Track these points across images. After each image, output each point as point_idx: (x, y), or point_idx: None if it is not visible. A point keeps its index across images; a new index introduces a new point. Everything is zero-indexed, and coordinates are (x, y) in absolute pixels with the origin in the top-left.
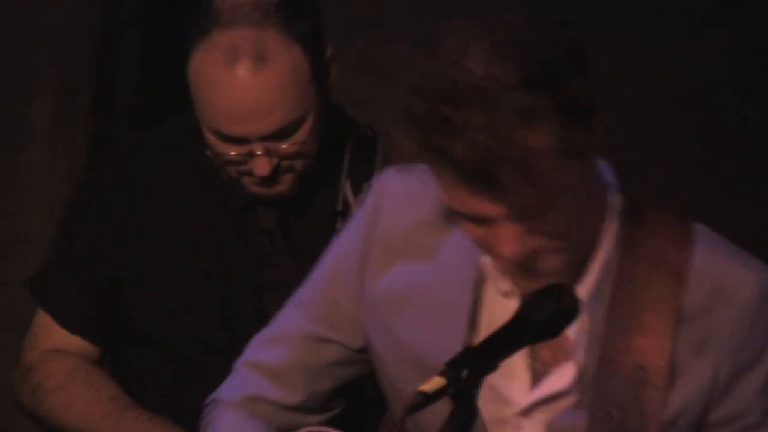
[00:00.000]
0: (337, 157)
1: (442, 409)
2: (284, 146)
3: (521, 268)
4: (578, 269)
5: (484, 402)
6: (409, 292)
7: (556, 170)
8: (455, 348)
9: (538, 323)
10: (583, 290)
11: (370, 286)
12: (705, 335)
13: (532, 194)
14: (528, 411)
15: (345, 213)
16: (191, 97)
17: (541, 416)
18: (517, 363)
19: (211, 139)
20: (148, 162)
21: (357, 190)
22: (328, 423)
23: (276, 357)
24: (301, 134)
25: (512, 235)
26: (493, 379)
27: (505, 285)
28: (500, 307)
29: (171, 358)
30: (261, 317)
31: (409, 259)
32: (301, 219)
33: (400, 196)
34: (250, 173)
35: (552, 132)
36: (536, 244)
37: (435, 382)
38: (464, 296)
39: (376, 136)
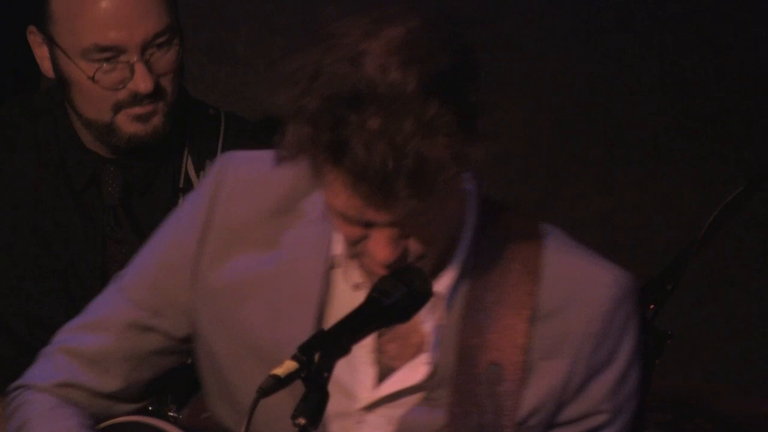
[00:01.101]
0: (178, 134)
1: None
2: (161, 57)
3: (389, 269)
4: (438, 266)
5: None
6: (251, 282)
7: (445, 182)
8: (302, 337)
9: (390, 306)
10: (440, 287)
11: (206, 275)
12: (560, 334)
13: (417, 205)
14: (372, 406)
15: (187, 190)
16: (58, 31)
17: (386, 412)
18: (363, 357)
19: (85, 66)
20: None
21: (199, 167)
22: (140, 411)
23: (95, 343)
24: (174, 49)
25: (388, 240)
26: (337, 373)
27: (356, 277)
28: (350, 300)
29: (14, 338)
30: None
31: (252, 248)
32: (144, 195)
33: (242, 183)
34: (127, 103)
35: (448, 144)
36: (408, 248)
37: (287, 366)
38: (312, 288)
39: (220, 115)
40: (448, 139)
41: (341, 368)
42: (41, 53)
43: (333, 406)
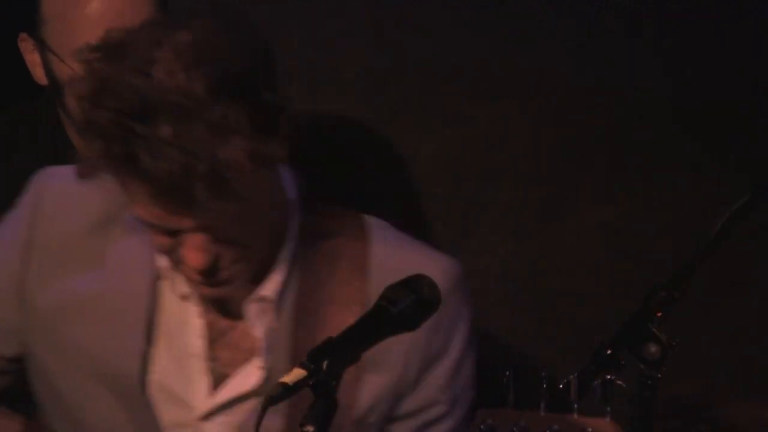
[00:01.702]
0: None
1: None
2: None
3: (204, 276)
4: (263, 271)
5: (163, 407)
6: (80, 302)
7: (245, 181)
8: (135, 355)
9: (398, 314)
10: (267, 291)
11: (34, 295)
12: None
13: (222, 207)
14: (209, 415)
15: None
16: (48, 45)
17: (223, 419)
18: (195, 366)
19: (79, 67)
20: None
21: None
22: None
23: None
24: None
25: (199, 246)
26: (170, 384)
27: (183, 288)
28: (179, 311)
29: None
30: None
31: (78, 266)
32: None
33: (61, 199)
34: None
35: (242, 144)
36: (221, 253)
37: (295, 374)
38: (139, 302)
39: None
40: (241, 139)
41: (174, 379)
42: (33, 60)
43: (169, 416)
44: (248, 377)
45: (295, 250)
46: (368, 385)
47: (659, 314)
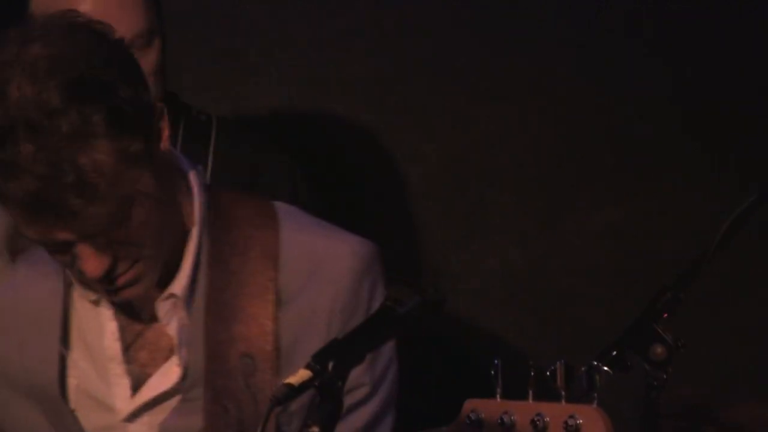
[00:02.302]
0: (170, 139)
1: None
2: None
3: (105, 283)
4: (170, 266)
5: (86, 412)
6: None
7: (119, 184)
8: (51, 363)
9: (404, 315)
10: (177, 287)
11: None
12: (308, 315)
13: (99, 213)
14: (133, 416)
15: None
16: None
17: (147, 419)
18: (113, 369)
19: None
20: None
21: None
22: None
23: None
24: (153, 51)
25: (90, 255)
26: (91, 389)
27: (92, 293)
28: (91, 315)
29: None
30: None
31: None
32: None
33: None
34: None
35: (104, 146)
36: (117, 257)
37: (301, 375)
38: (53, 309)
39: (211, 120)
40: (102, 141)
41: (94, 383)
42: None
43: (93, 421)
44: (167, 376)
45: (201, 243)
46: (288, 372)
47: (665, 315)
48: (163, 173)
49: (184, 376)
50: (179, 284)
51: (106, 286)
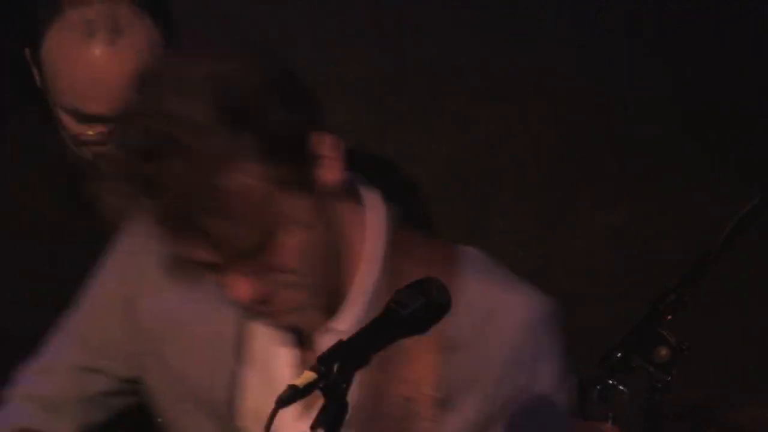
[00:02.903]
0: None
1: None
2: None
3: (264, 307)
4: (336, 300)
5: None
6: (176, 323)
7: (265, 209)
8: (224, 382)
9: (408, 317)
10: (344, 322)
11: (139, 315)
12: (475, 364)
13: (242, 237)
14: None
15: None
16: (44, 81)
17: None
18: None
19: (66, 120)
20: None
21: None
22: None
23: (47, 386)
24: None
25: (238, 279)
26: (263, 411)
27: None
28: (268, 338)
29: (20, 350)
30: None
31: (178, 286)
32: None
33: None
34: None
35: (252, 171)
36: (268, 283)
37: (306, 376)
38: (229, 328)
39: None
40: (252, 167)
41: (267, 406)
42: (34, 71)
43: None
44: None
45: (378, 279)
46: (450, 423)
47: (668, 317)
48: (325, 205)
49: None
50: (344, 319)
51: (262, 309)
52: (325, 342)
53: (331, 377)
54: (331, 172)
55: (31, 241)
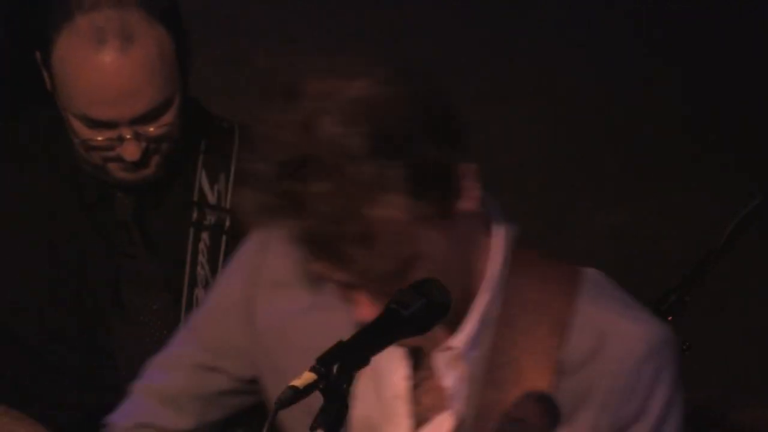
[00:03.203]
0: (192, 148)
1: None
2: (152, 129)
3: None
4: (456, 318)
5: None
6: (293, 325)
7: (405, 240)
8: None
9: (409, 318)
10: (460, 339)
11: (257, 316)
12: (585, 388)
13: (379, 265)
14: None
15: (200, 204)
16: (54, 85)
17: None
18: (399, 409)
19: (76, 125)
20: None
21: (213, 180)
22: None
23: (169, 382)
24: (169, 116)
25: (367, 300)
26: (374, 422)
27: None
28: (385, 351)
29: (28, 351)
30: (117, 310)
31: (296, 290)
32: (157, 209)
33: None
34: (117, 159)
35: (398, 203)
36: None
37: (306, 377)
38: (345, 332)
39: (234, 128)
40: (397, 197)
41: (378, 418)
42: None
43: None
44: (442, 425)
45: (494, 298)
46: None
47: (670, 318)
48: (459, 233)
49: (456, 429)
50: (461, 339)
51: None
52: (440, 360)
53: (331, 378)
54: (469, 202)
55: (36, 242)
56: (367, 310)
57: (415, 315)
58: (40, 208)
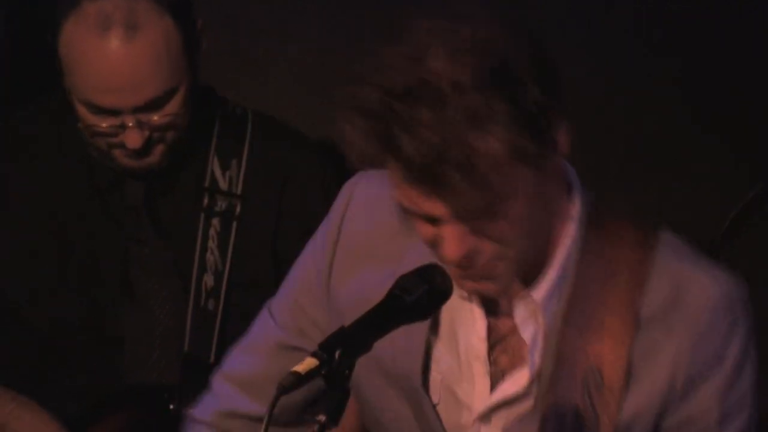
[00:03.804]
0: (204, 134)
1: None
2: (156, 118)
3: (464, 270)
4: (534, 272)
5: (445, 407)
6: (372, 298)
7: (502, 175)
8: (418, 355)
9: (412, 303)
10: (539, 293)
11: (336, 292)
12: (662, 340)
13: (475, 196)
14: (485, 416)
15: (212, 189)
16: (61, 71)
17: (495, 422)
18: (476, 369)
19: (82, 110)
20: (9, 144)
21: (225, 166)
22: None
23: (248, 367)
24: (172, 105)
25: (454, 236)
26: (453, 385)
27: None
28: (463, 311)
29: (37, 337)
30: (127, 295)
31: (375, 264)
32: (168, 195)
33: (367, 201)
34: (121, 146)
35: (501, 136)
36: (479, 247)
37: (308, 363)
38: None
39: (248, 114)
40: (499, 131)
41: (456, 380)
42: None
43: (449, 418)
44: (519, 380)
45: (572, 254)
46: (633, 395)
47: None
48: (549, 181)
49: (533, 382)
50: (540, 291)
51: (460, 273)
52: (520, 312)
53: (333, 364)
54: (560, 153)
55: (46, 226)
56: (452, 248)
57: (418, 301)
58: (51, 193)
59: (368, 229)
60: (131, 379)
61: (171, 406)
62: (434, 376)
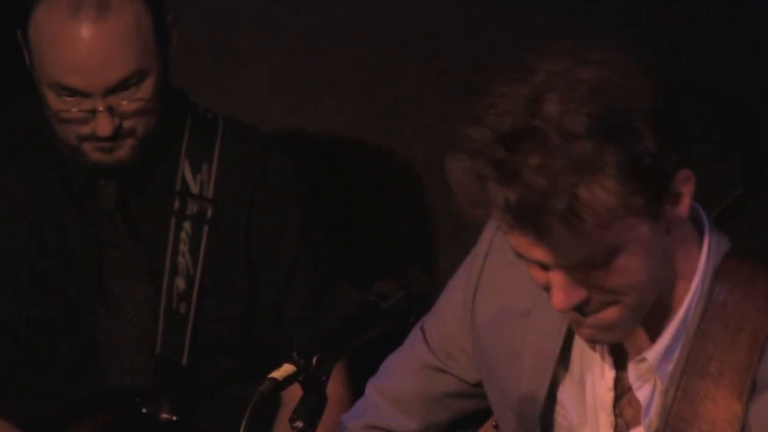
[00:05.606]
0: (175, 137)
1: None
2: (125, 102)
3: (578, 318)
4: (659, 323)
5: None
6: (508, 327)
7: (608, 227)
8: (541, 391)
9: (389, 310)
10: (654, 353)
11: (476, 315)
12: None
13: (579, 247)
14: None
15: (183, 193)
16: (31, 60)
17: None
18: (602, 419)
19: (50, 96)
20: None
21: (196, 170)
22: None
23: (398, 382)
24: (143, 90)
25: (561, 284)
26: (578, 429)
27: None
28: (592, 357)
29: (12, 340)
30: (102, 298)
31: (513, 296)
32: (140, 198)
33: None
34: (91, 137)
35: (608, 187)
36: (588, 296)
37: (285, 369)
38: (554, 341)
39: (218, 119)
40: (609, 183)
41: (581, 427)
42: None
43: None
44: None
45: (693, 310)
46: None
47: None
48: (668, 238)
49: None
50: (654, 352)
51: (574, 320)
52: (633, 372)
53: (310, 370)
54: (681, 209)
55: (22, 229)
56: (558, 296)
57: (394, 307)
58: (26, 196)
59: (510, 263)
60: (107, 381)
61: (143, 410)
62: (560, 421)
